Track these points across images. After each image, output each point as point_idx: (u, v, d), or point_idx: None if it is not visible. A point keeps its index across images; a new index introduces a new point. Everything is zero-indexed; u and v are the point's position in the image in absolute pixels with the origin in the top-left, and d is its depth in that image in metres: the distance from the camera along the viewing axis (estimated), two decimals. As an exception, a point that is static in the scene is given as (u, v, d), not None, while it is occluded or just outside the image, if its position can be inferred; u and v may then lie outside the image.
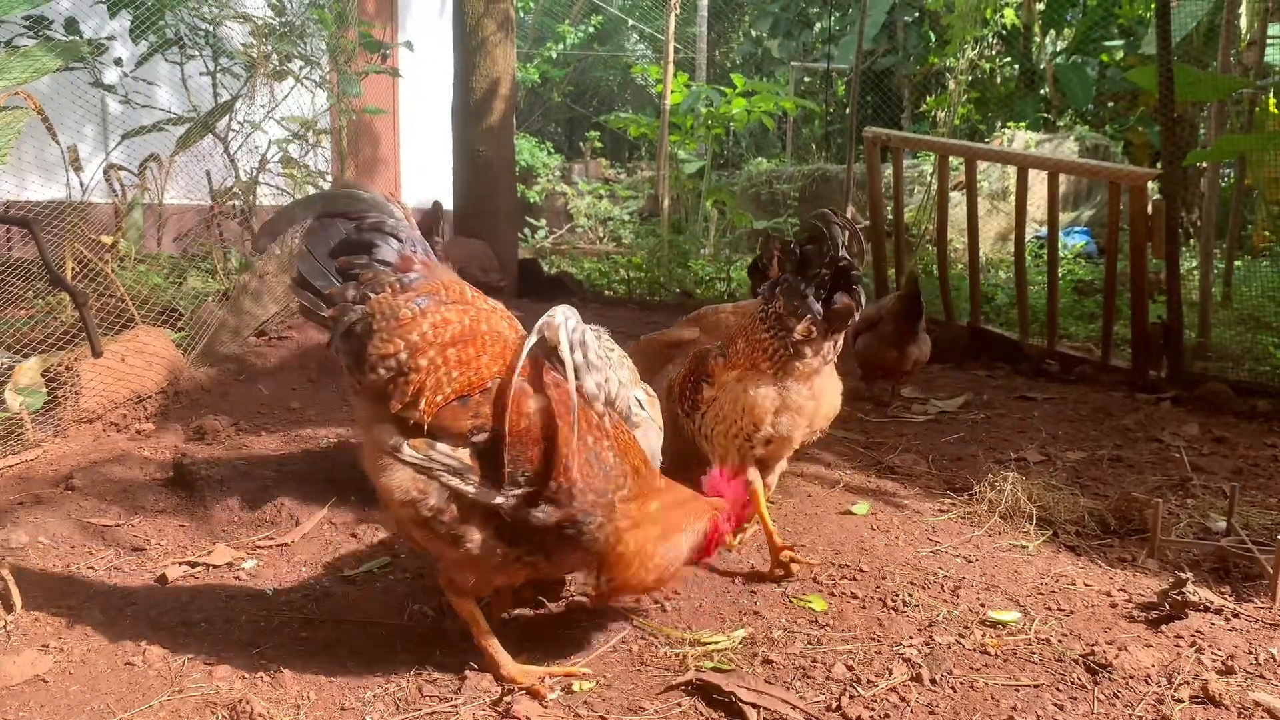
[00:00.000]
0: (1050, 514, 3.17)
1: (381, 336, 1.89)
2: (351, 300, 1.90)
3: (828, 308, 2.70)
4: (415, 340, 1.90)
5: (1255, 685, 2.07)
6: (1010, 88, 13.45)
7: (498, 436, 1.93)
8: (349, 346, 1.91)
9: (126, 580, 2.75)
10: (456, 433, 1.94)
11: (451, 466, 1.93)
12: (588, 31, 18.74)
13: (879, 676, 2.14)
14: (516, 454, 1.95)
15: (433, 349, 1.91)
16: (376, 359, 1.89)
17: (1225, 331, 5.89)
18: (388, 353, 1.89)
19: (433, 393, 1.91)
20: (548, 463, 1.97)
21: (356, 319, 1.89)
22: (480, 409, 1.94)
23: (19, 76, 4.45)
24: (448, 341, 1.93)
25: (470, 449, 1.94)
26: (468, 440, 1.94)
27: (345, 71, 7.71)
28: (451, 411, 1.93)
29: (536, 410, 1.98)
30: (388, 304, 1.89)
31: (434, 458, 1.93)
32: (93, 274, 5.11)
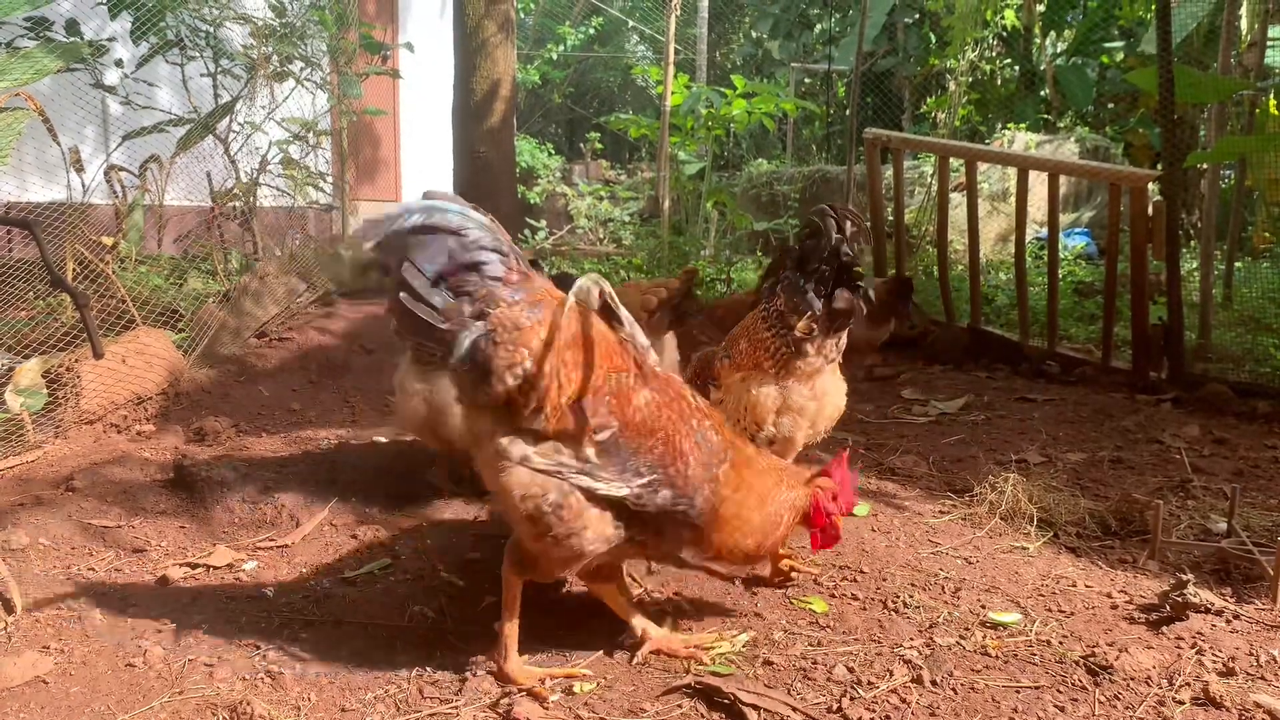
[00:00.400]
0: (1051, 515, 3.17)
1: (506, 348, 1.91)
2: (469, 316, 1.90)
3: (829, 305, 2.69)
4: (536, 348, 1.93)
5: (1256, 687, 2.07)
6: (1010, 89, 13.44)
7: (618, 431, 2.01)
8: (475, 361, 1.92)
9: (127, 581, 2.75)
10: (580, 434, 1.99)
11: (580, 467, 1.99)
12: (588, 33, 18.75)
13: (880, 678, 2.14)
14: (637, 445, 2.03)
15: (552, 355, 1.95)
16: (504, 369, 1.91)
17: (1226, 333, 5.88)
18: (514, 362, 1.92)
19: (556, 397, 1.96)
20: (665, 448, 2.06)
21: (480, 334, 1.90)
22: (599, 408, 2.01)
23: (20, 78, 4.45)
24: (563, 346, 1.97)
25: (595, 447, 2.00)
26: (592, 439, 1.99)
27: (346, 73, 7.72)
28: (573, 415, 1.98)
29: (647, 402, 2.07)
30: (509, 316, 1.91)
31: (563, 462, 1.98)
32: (93, 275, 5.11)
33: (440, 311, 1.88)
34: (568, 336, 1.98)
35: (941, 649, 2.29)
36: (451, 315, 1.88)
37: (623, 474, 2.02)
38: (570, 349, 1.98)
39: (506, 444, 1.96)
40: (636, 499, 2.03)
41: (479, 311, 1.90)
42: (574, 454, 1.99)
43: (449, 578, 2.75)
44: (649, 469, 2.04)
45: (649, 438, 2.05)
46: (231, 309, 5.47)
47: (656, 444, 2.06)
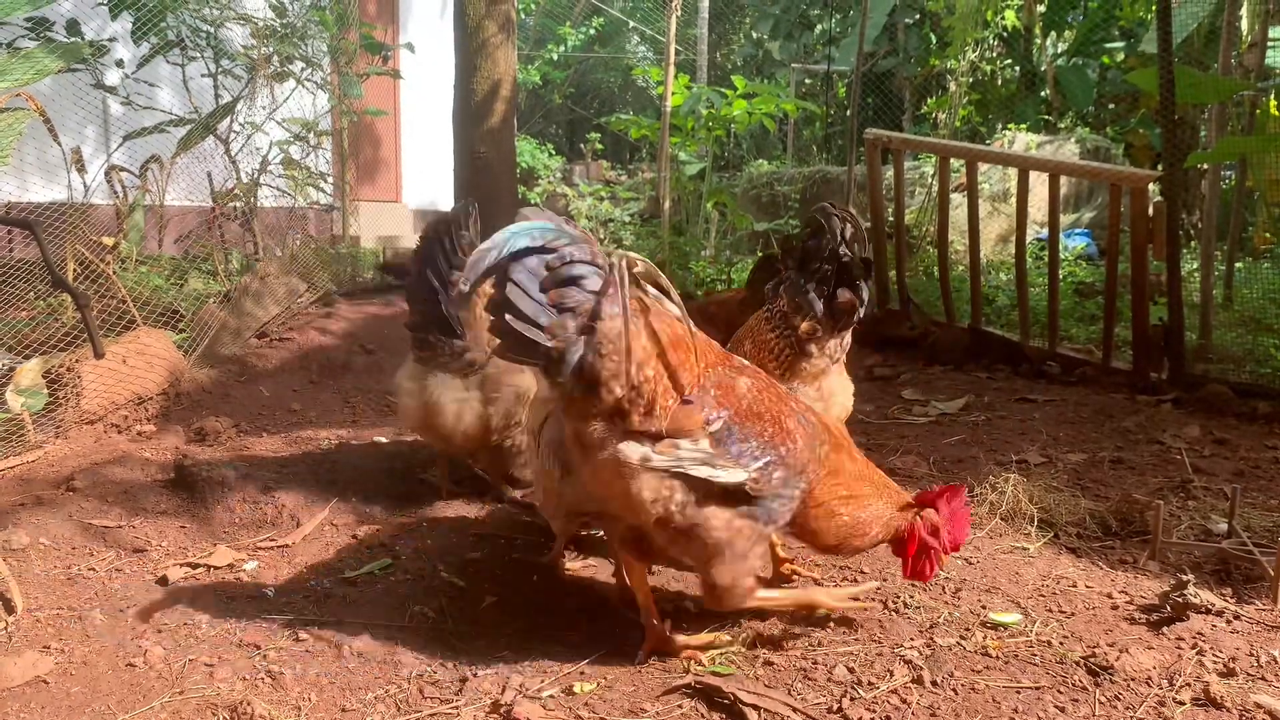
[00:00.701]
0: (1051, 516, 3.17)
1: (611, 358, 1.94)
2: (574, 331, 1.92)
3: (830, 304, 2.70)
4: (640, 354, 1.98)
5: (1257, 687, 2.07)
6: (1011, 90, 13.44)
7: (730, 419, 2.08)
8: (583, 374, 1.94)
9: (127, 581, 2.75)
10: (693, 428, 2.04)
11: (699, 459, 2.04)
12: (589, 33, 18.75)
13: (880, 678, 2.14)
14: (748, 430, 2.10)
15: (655, 358, 2.01)
16: (610, 378, 1.95)
17: (1226, 333, 5.88)
18: (621, 370, 1.96)
19: (664, 398, 2.02)
20: (774, 429, 2.13)
21: (586, 349, 1.92)
22: (707, 400, 2.06)
23: (21, 78, 4.45)
24: (663, 349, 2.03)
25: (709, 438, 2.05)
26: (705, 431, 2.04)
27: (346, 73, 7.73)
28: (684, 411, 2.04)
29: (748, 388, 2.15)
30: (612, 327, 1.94)
31: (682, 457, 2.03)
32: (94, 275, 5.11)
33: (545, 329, 1.89)
34: (668, 339, 2.04)
35: (942, 649, 2.29)
36: (557, 332, 1.90)
37: (739, 460, 2.08)
38: (671, 350, 2.04)
39: (626, 449, 2.00)
40: (754, 483, 2.09)
41: (584, 326, 1.92)
42: (691, 447, 2.05)
43: (449, 578, 2.75)
44: (762, 451, 2.11)
45: (758, 422, 2.13)
46: (232, 309, 5.48)
47: (766, 427, 2.13)
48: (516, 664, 2.25)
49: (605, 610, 2.55)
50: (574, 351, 1.92)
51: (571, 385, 1.96)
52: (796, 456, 2.16)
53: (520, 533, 3.12)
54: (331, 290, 6.71)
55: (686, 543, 2.11)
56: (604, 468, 2.03)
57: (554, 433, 2.38)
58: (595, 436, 2.01)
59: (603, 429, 2.01)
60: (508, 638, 2.40)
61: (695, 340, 2.12)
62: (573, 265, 1.90)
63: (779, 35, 18.01)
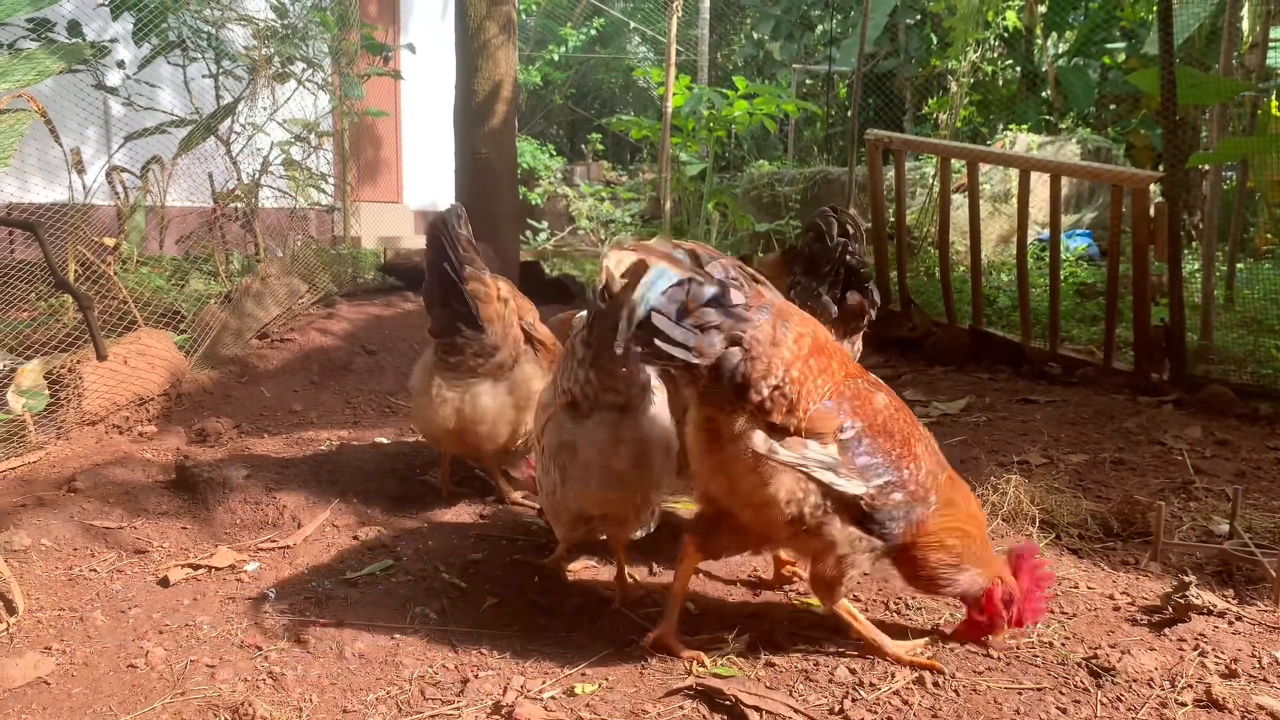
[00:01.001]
0: (1053, 517, 3.17)
1: (761, 362, 2.02)
2: (720, 346, 2.00)
3: (842, 306, 2.72)
4: (788, 357, 2.05)
5: (1259, 689, 2.07)
6: (1012, 90, 13.42)
7: (861, 431, 2.13)
8: (733, 379, 2.02)
9: (129, 582, 2.75)
10: (825, 432, 2.09)
11: (824, 463, 2.08)
12: (589, 34, 18.73)
13: (882, 680, 2.14)
14: (876, 446, 2.14)
15: (800, 362, 2.07)
16: (760, 380, 2.03)
17: (1227, 334, 5.88)
18: (768, 373, 2.03)
19: (806, 400, 2.07)
20: (902, 451, 2.18)
21: (738, 359, 2.01)
22: (843, 407, 2.12)
23: (22, 79, 4.46)
24: (807, 353, 2.09)
25: (838, 445, 2.10)
26: (836, 438, 2.09)
27: (347, 74, 7.73)
28: (820, 414, 2.08)
29: (884, 405, 2.20)
30: (763, 332, 2.02)
31: (808, 456, 2.07)
32: (95, 276, 5.11)
33: (692, 349, 1.96)
34: (810, 345, 2.10)
35: (944, 650, 2.29)
36: (704, 350, 1.97)
37: (863, 472, 2.11)
38: (814, 355, 2.10)
39: (756, 438, 2.05)
40: (870, 500, 2.12)
41: (732, 338, 2.00)
42: (819, 449, 2.09)
43: (451, 579, 2.75)
44: (886, 470, 2.14)
45: (888, 439, 2.16)
46: (233, 310, 5.48)
47: (894, 446, 2.17)
48: (518, 665, 2.26)
49: (607, 612, 2.55)
50: (727, 360, 2.00)
51: (721, 388, 2.03)
52: (919, 482, 2.19)
53: (521, 534, 3.12)
54: (332, 291, 6.71)
55: (803, 541, 2.16)
56: (735, 460, 2.08)
57: (555, 438, 2.38)
58: (733, 430, 2.07)
59: (743, 424, 2.06)
60: (509, 639, 2.40)
61: (838, 350, 2.19)
62: (706, 286, 1.98)
63: (780, 36, 18.01)
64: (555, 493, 2.42)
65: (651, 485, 2.42)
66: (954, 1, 10.70)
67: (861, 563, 2.19)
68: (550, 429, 2.40)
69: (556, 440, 2.37)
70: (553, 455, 2.38)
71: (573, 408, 2.35)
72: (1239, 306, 6.40)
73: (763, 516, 2.14)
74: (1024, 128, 11.72)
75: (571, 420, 2.36)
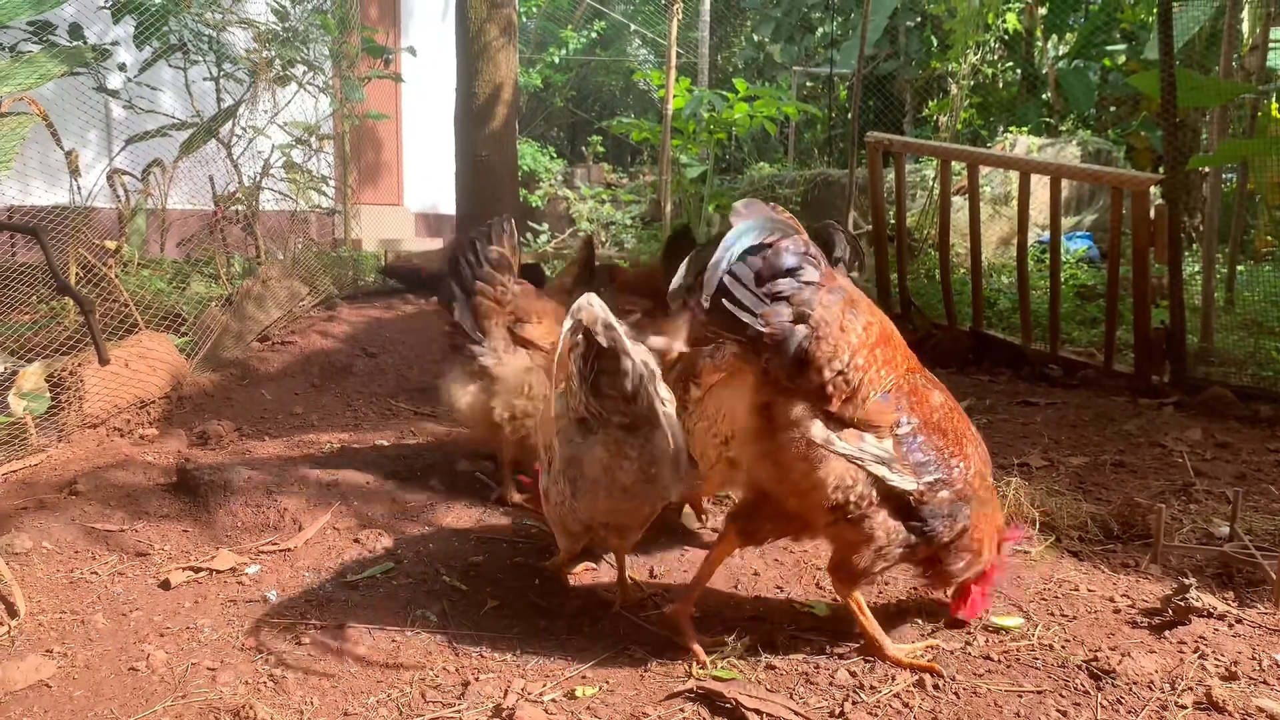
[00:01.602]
0: (1053, 519, 3.17)
1: (827, 343, 2.00)
2: (788, 319, 1.99)
3: None
4: (854, 343, 2.04)
5: (1259, 691, 2.07)
6: (1012, 92, 13.43)
7: (917, 428, 2.12)
8: (798, 357, 2.00)
9: (130, 585, 2.75)
10: (882, 425, 2.08)
11: (880, 457, 2.07)
12: (590, 36, 18.73)
13: (882, 682, 2.14)
14: (929, 443, 2.13)
15: (865, 349, 2.06)
16: (825, 363, 2.01)
17: (1228, 336, 5.88)
18: (833, 356, 2.02)
19: (867, 389, 2.06)
20: (954, 450, 2.18)
21: (803, 335, 1.99)
22: (901, 402, 2.10)
23: (24, 82, 4.45)
24: (874, 342, 2.08)
25: (894, 439, 2.09)
26: (892, 432, 2.08)
27: (348, 77, 7.74)
28: (879, 406, 2.07)
29: (940, 403, 2.20)
30: (832, 314, 2.01)
31: (864, 449, 2.06)
32: (96, 279, 5.12)
33: (759, 316, 1.96)
34: (877, 334, 2.08)
35: (944, 653, 2.29)
36: (771, 319, 1.96)
37: (916, 469, 2.10)
38: (879, 345, 2.09)
39: (815, 428, 2.05)
40: (919, 496, 2.11)
41: (800, 314, 1.98)
42: (874, 443, 2.08)
43: (451, 582, 2.75)
44: (937, 468, 2.13)
45: (942, 438, 2.16)
46: (234, 313, 5.49)
47: (948, 445, 2.17)
48: (519, 668, 2.26)
49: (608, 615, 2.55)
50: (792, 336, 1.98)
51: (782, 365, 2.01)
52: (966, 481, 2.19)
53: (522, 537, 3.13)
54: (333, 294, 6.72)
55: (843, 530, 2.14)
56: (787, 446, 2.07)
57: (565, 451, 2.37)
58: (791, 415, 2.05)
59: (801, 410, 2.05)
60: (510, 641, 2.40)
61: (902, 343, 2.19)
62: (791, 255, 1.97)
63: (780, 38, 18.01)
64: (564, 504, 2.41)
65: (659, 497, 2.42)
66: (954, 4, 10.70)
67: (894, 557, 2.19)
68: (560, 441, 2.39)
69: (567, 453, 2.37)
70: (563, 468, 2.37)
71: (582, 422, 2.34)
72: (1239, 309, 6.40)
73: (807, 504, 2.12)
74: (1024, 130, 11.72)
75: (581, 434, 2.35)
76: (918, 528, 2.15)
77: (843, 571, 2.22)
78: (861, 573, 2.19)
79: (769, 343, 1.99)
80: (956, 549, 2.25)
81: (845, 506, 2.08)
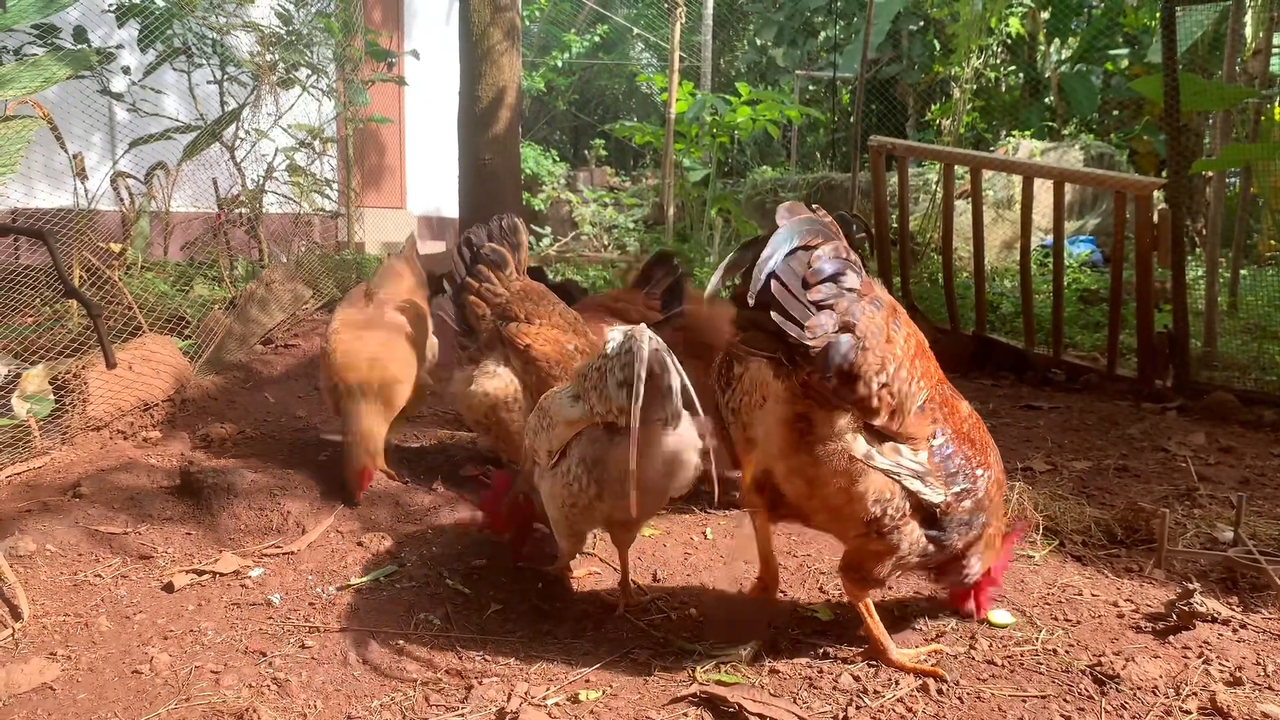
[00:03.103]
0: (1057, 523, 3.17)
1: (874, 354, 1.95)
2: (831, 329, 1.92)
3: None
4: (899, 355, 2.00)
5: (1264, 697, 2.07)
6: (1015, 96, 13.43)
7: (950, 439, 2.11)
8: (842, 368, 1.94)
9: (134, 588, 2.75)
10: (919, 438, 2.06)
11: (916, 470, 2.05)
12: (593, 40, 18.75)
13: (886, 687, 2.14)
14: (958, 454, 2.12)
15: (908, 362, 2.02)
16: (870, 375, 1.96)
17: (1231, 340, 5.88)
18: (879, 368, 1.97)
19: (909, 401, 2.03)
20: (980, 460, 2.18)
21: (849, 345, 1.93)
22: (936, 414, 2.09)
23: (29, 85, 4.47)
24: (913, 354, 2.04)
25: (929, 451, 2.07)
26: (928, 444, 2.06)
27: (352, 80, 7.75)
28: (917, 419, 2.05)
29: (968, 413, 2.18)
30: (877, 324, 1.96)
31: (901, 463, 2.04)
32: (100, 281, 5.12)
33: (806, 327, 1.89)
34: (915, 345, 2.06)
35: (947, 658, 2.29)
36: (816, 330, 1.90)
37: (946, 480, 2.09)
38: (918, 356, 2.06)
39: (856, 442, 2.02)
40: (945, 507, 2.10)
41: (845, 324, 1.92)
42: (911, 456, 2.06)
43: (455, 585, 2.75)
44: (964, 479, 2.12)
45: (970, 448, 2.15)
46: (238, 316, 5.49)
47: (974, 455, 2.15)
48: (522, 671, 2.26)
49: (611, 618, 2.55)
50: (837, 346, 1.92)
51: (825, 378, 1.95)
52: (987, 491, 2.18)
53: (525, 540, 3.13)
54: (336, 297, 6.71)
55: (870, 542, 2.12)
56: (825, 461, 2.03)
57: (590, 452, 2.37)
58: (830, 430, 2.01)
59: (841, 424, 2.01)
60: (513, 645, 2.40)
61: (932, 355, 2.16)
62: (833, 260, 1.91)
63: (783, 42, 18.01)
64: (577, 505, 2.41)
65: (678, 491, 2.43)
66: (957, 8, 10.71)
67: (911, 564, 2.18)
68: (583, 443, 2.39)
69: (593, 455, 2.36)
70: (587, 469, 2.37)
71: (611, 425, 2.34)
72: (1243, 313, 6.39)
73: (841, 517, 2.10)
74: (1027, 134, 11.72)
75: (608, 435, 2.34)
76: (936, 537, 2.13)
77: (857, 575, 2.21)
78: (878, 580, 2.19)
79: (813, 355, 1.91)
80: (968, 554, 2.26)
81: (880, 520, 2.06)
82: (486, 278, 3.49)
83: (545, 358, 3.30)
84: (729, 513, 3.40)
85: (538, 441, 2.57)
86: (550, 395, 2.61)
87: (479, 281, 3.49)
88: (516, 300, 3.49)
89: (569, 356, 3.29)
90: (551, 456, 2.48)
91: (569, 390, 2.50)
